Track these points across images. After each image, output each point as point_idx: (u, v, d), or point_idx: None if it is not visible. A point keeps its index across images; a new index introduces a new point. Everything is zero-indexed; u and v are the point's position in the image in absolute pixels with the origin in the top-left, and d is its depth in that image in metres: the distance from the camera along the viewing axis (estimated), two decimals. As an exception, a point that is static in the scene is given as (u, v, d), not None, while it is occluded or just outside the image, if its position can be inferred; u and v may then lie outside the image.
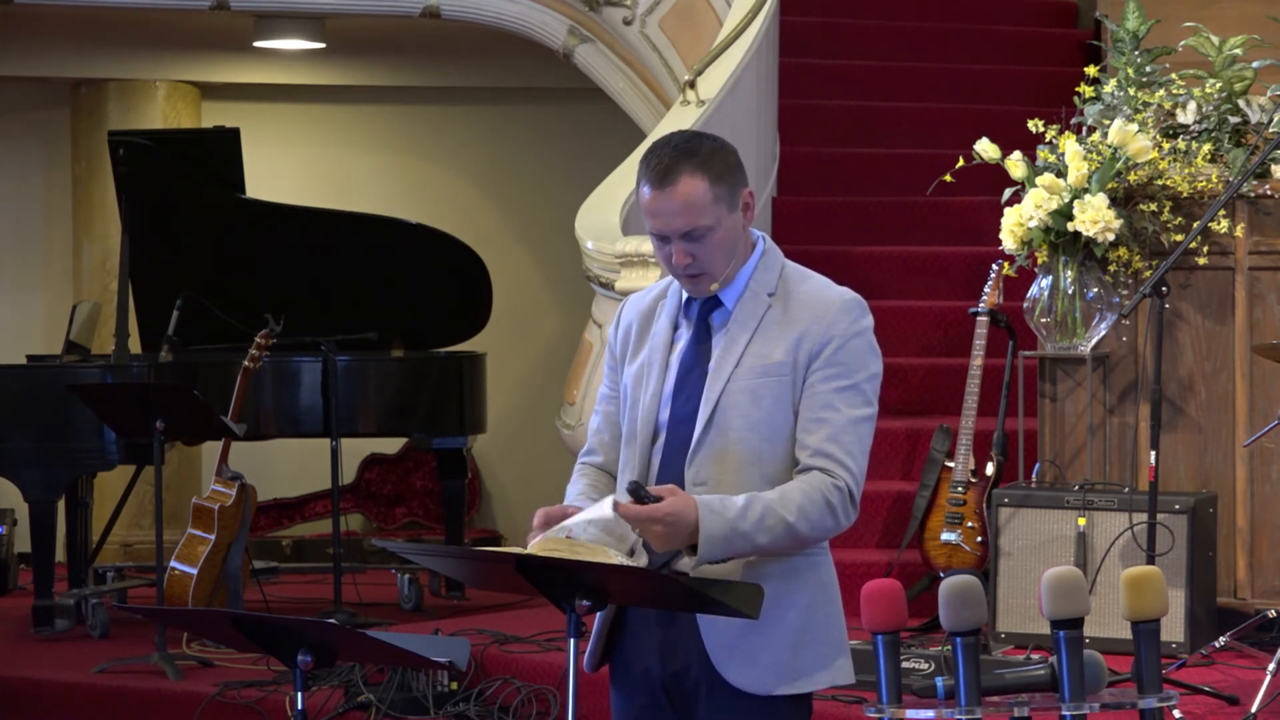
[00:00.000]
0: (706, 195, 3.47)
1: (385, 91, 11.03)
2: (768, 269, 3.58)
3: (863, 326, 3.54)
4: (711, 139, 3.54)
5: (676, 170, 3.47)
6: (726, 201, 3.50)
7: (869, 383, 3.53)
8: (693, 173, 3.46)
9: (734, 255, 3.54)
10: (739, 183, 3.52)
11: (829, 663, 3.55)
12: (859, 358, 3.52)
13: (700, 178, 3.46)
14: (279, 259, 8.53)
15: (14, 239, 10.83)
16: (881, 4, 9.96)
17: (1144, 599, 3.40)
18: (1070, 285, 6.50)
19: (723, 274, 3.53)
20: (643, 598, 3.50)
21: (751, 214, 3.56)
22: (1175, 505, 6.12)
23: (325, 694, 6.50)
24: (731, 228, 3.51)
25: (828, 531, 3.48)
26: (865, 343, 3.54)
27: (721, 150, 3.52)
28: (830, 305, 3.53)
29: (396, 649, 3.55)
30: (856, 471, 3.48)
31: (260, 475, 8.56)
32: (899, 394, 7.78)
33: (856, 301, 3.56)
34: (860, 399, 3.50)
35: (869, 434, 3.53)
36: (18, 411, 7.80)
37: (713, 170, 3.48)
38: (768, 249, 3.61)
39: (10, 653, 7.50)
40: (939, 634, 6.11)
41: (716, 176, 3.48)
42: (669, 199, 3.47)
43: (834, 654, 3.56)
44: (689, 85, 8.11)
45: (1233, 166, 6.49)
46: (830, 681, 3.56)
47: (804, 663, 3.53)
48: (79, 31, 10.02)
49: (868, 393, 3.52)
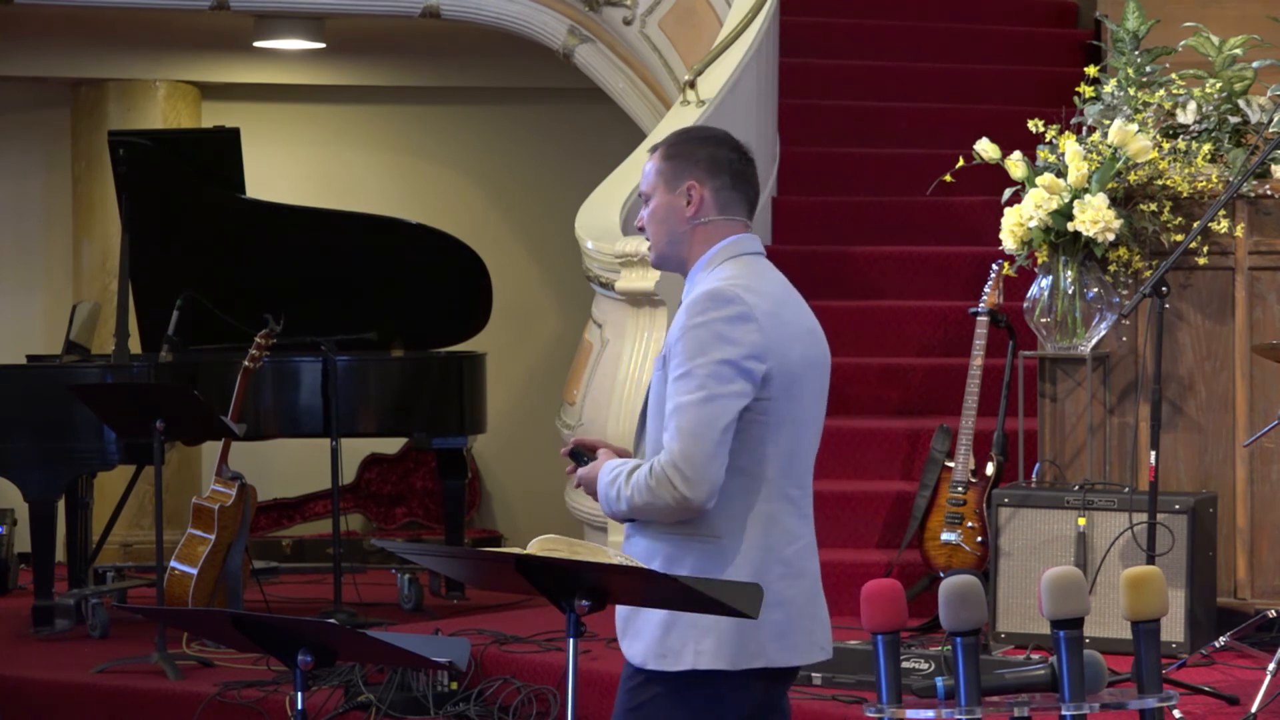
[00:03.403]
0: (653, 167, 3.85)
1: (385, 91, 11.03)
2: (705, 267, 3.81)
3: (708, 318, 3.69)
4: (703, 138, 3.89)
5: (657, 144, 3.90)
6: (667, 180, 3.83)
7: (705, 368, 3.66)
8: (660, 148, 3.87)
9: (669, 235, 3.84)
10: (687, 173, 3.82)
11: (695, 644, 3.66)
12: (696, 345, 3.67)
13: (659, 152, 3.86)
14: (279, 259, 8.53)
15: (14, 239, 10.83)
16: (881, 4, 9.96)
17: (1144, 599, 3.40)
18: (1070, 285, 6.50)
19: (657, 247, 3.87)
20: (643, 597, 3.51)
21: (695, 209, 3.81)
22: (1175, 505, 6.12)
23: (325, 694, 6.50)
24: (668, 207, 3.83)
25: (661, 510, 3.65)
26: (709, 332, 3.67)
27: (696, 144, 3.85)
28: (689, 301, 3.75)
29: (396, 649, 3.55)
30: (681, 449, 3.62)
31: (260, 475, 8.56)
32: (899, 394, 7.78)
33: (710, 294, 3.72)
34: (693, 383, 3.65)
35: (702, 414, 3.64)
36: (18, 411, 7.80)
37: (670, 150, 3.85)
38: (720, 249, 3.81)
39: (10, 653, 7.49)
40: (939, 634, 6.11)
41: (668, 155, 3.85)
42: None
43: (701, 636, 3.66)
44: (689, 85, 8.11)
45: (1233, 166, 6.49)
46: (693, 664, 3.67)
47: (673, 642, 3.69)
48: (79, 31, 10.02)
49: (701, 376, 3.65)
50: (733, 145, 3.86)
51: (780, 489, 3.75)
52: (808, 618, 3.75)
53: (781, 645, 3.71)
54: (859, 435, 7.52)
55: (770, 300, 3.74)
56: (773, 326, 3.70)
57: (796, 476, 3.79)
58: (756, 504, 3.72)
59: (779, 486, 3.74)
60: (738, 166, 3.84)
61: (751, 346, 3.67)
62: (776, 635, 3.70)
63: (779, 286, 3.81)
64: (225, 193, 8.46)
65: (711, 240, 3.82)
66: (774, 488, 3.73)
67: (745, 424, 3.67)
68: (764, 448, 3.70)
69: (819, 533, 7.71)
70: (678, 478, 3.61)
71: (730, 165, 3.83)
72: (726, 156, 3.83)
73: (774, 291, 3.78)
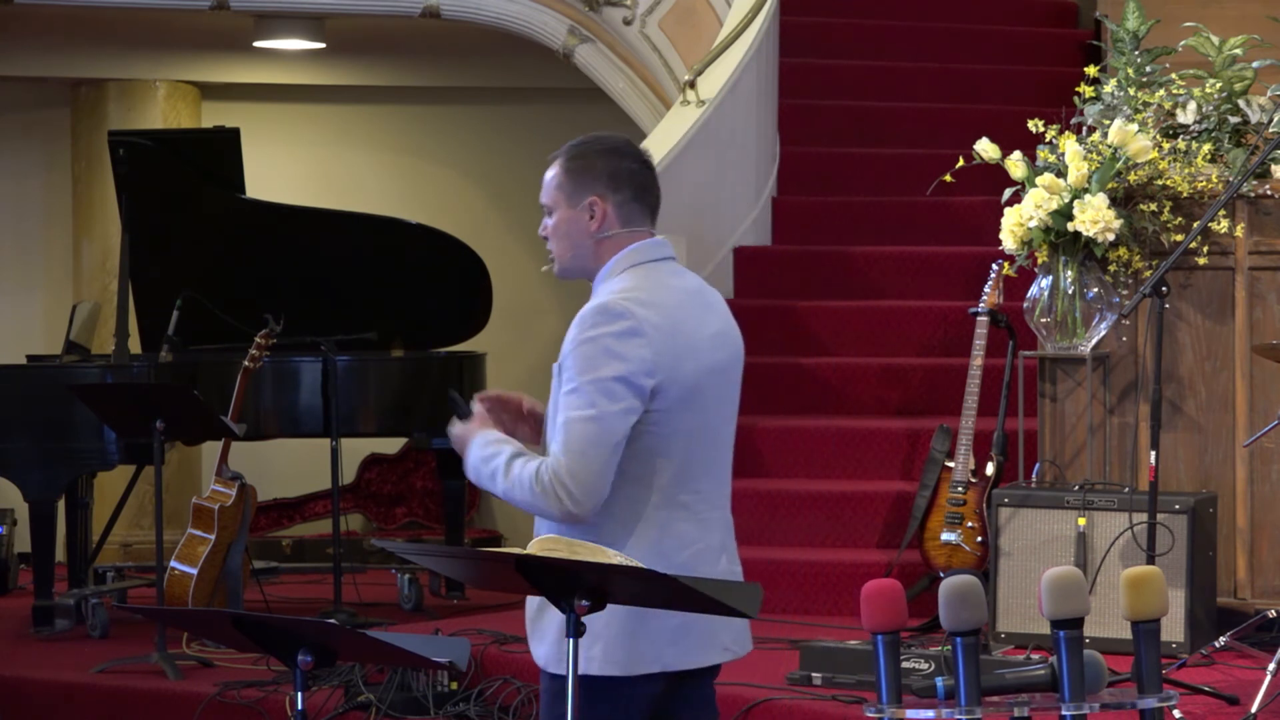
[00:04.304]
0: (554, 180, 3.87)
1: (385, 91, 11.03)
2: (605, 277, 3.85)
3: (597, 334, 3.72)
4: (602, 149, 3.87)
5: (556, 155, 3.92)
6: (568, 194, 3.85)
7: (592, 385, 3.70)
8: (559, 159, 3.89)
9: (573, 249, 3.86)
10: (588, 188, 3.84)
11: (587, 651, 3.69)
12: (585, 362, 3.71)
13: (559, 164, 3.88)
14: (279, 259, 8.53)
15: (14, 239, 10.83)
16: (881, 4, 9.96)
17: (1144, 599, 3.40)
18: (1070, 285, 6.49)
19: (560, 261, 3.90)
20: (642, 597, 3.51)
21: (599, 224, 3.83)
22: (1175, 505, 6.12)
23: (325, 694, 6.49)
24: (570, 221, 3.85)
25: (542, 512, 3.73)
26: (597, 348, 3.71)
27: (596, 157, 3.85)
28: (580, 316, 3.77)
29: (396, 649, 3.55)
30: (568, 465, 3.68)
31: (260, 475, 8.56)
32: (899, 394, 7.79)
33: (596, 310, 3.75)
34: (582, 400, 3.70)
35: (588, 433, 3.69)
36: (18, 411, 7.80)
37: (571, 164, 3.86)
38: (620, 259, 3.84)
39: (10, 653, 7.49)
40: (939, 634, 6.11)
41: (569, 170, 3.86)
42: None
43: (591, 643, 3.69)
44: (689, 85, 8.12)
45: (1233, 166, 6.49)
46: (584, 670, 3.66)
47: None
48: (79, 31, 10.02)
49: (590, 394, 3.69)
50: (634, 154, 3.87)
51: (672, 496, 3.76)
52: (708, 620, 3.73)
53: (679, 649, 3.74)
54: (859, 435, 7.53)
55: (664, 312, 3.75)
56: (664, 340, 3.72)
57: (693, 482, 3.79)
58: (647, 511, 3.75)
59: (671, 494, 3.76)
60: (640, 178, 3.86)
61: (640, 362, 3.70)
62: (672, 640, 3.74)
63: (679, 294, 3.82)
64: (225, 193, 8.46)
65: (615, 250, 3.85)
66: (666, 495, 3.76)
67: (636, 434, 3.72)
68: (655, 459, 3.74)
69: (819, 532, 7.74)
70: (563, 493, 3.67)
71: (632, 177, 3.84)
72: (628, 168, 3.84)
73: (671, 301, 3.78)
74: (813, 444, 7.57)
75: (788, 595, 6.99)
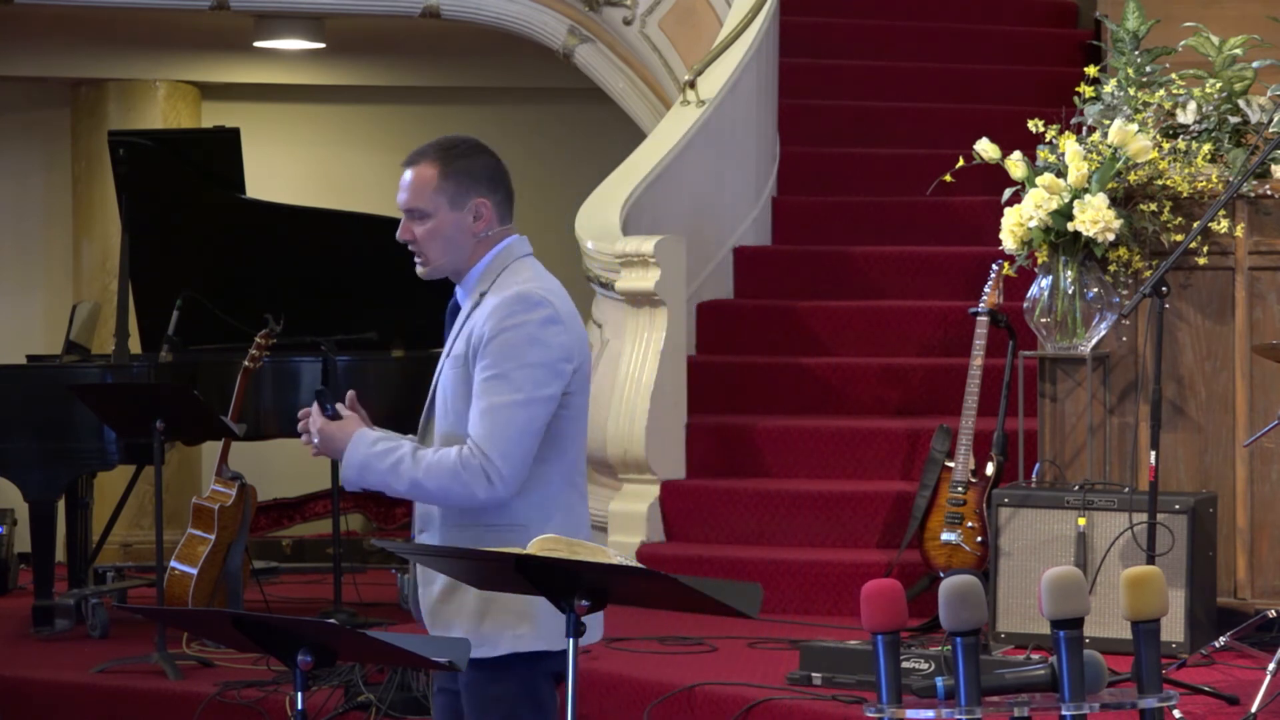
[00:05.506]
0: (430, 184, 3.92)
1: (385, 91, 11.03)
2: (492, 270, 3.95)
3: (520, 321, 3.83)
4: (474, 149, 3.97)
5: (421, 156, 3.95)
6: (449, 198, 3.92)
7: (520, 371, 3.81)
8: (431, 162, 3.92)
9: (453, 250, 3.94)
10: (472, 190, 3.92)
11: (511, 629, 3.86)
12: (510, 349, 3.82)
13: (434, 167, 3.92)
14: (279, 259, 8.52)
15: (14, 239, 10.83)
16: (881, 4, 9.96)
17: (1144, 599, 3.40)
18: (1070, 285, 6.49)
19: (435, 263, 3.97)
20: (642, 597, 3.51)
21: (483, 224, 3.95)
22: (1175, 505, 6.12)
23: (325, 694, 6.49)
24: (451, 224, 3.92)
25: (460, 497, 3.82)
26: (522, 335, 3.83)
27: (473, 158, 3.96)
28: (498, 304, 3.85)
29: (396, 649, 3.55)
30: (493, 452, 3.79)
31: (260, 475, 8.55)
32: (899, 394, 7.79)
33: (520, 297, 3.85)
34: (507, 386, 3.81)
35: (518, 418, 3.81)
36: (18, 411, 7.79)
37: (450, 167, 3.92)
38: (501, 252, 3.95)
39: (10, 653, 7.49)
40: (939, 634, 6.11)
41: (448, 174, 3.92)
42: (405, 177, 3.96)
43: (516, 622, 3.85)
44: (689, 85, 8.12)
45: (1233, 166, 6.49)
46: (513, 648, 3.86)
47: (489, 630, 3.88)
48: (79, 31, 10.02)
49: (517, 380, 3.82)
50: (493, 152, 4.01)
51: (571, 477, 3.94)
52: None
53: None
54: (859, 435, 7.53)
55: (563, 299, 3.93)
56: (572, 324, 3.90)
57: (581, 463, 3.97)
58: (556, 492, 3.89)
59: (570, 476, 3.93)
60: (506, 176, 4.02)
61: (561, 348, 3.86)
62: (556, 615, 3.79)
63: (559, 284, 4.00)
64: (225, 193, 8.46)
65: (489, 247, 3.96)
66: (567, 477, 3.92)
67: (554, 418, 3.86)
68: (563, 440, 3.88)
69: (819, 533, 7.76)
70: (494, 474, 3.77)
71: (504, 177, 4.00)
72: (498, 166, 3.99)
73: (561, 290, 3.96)
74: (813, 444, 7.57)
75: (788, 595, 6.99)
